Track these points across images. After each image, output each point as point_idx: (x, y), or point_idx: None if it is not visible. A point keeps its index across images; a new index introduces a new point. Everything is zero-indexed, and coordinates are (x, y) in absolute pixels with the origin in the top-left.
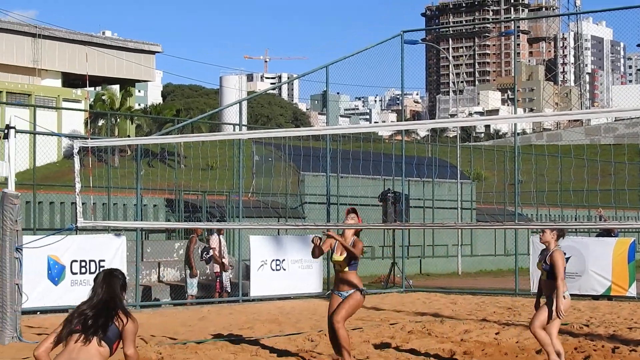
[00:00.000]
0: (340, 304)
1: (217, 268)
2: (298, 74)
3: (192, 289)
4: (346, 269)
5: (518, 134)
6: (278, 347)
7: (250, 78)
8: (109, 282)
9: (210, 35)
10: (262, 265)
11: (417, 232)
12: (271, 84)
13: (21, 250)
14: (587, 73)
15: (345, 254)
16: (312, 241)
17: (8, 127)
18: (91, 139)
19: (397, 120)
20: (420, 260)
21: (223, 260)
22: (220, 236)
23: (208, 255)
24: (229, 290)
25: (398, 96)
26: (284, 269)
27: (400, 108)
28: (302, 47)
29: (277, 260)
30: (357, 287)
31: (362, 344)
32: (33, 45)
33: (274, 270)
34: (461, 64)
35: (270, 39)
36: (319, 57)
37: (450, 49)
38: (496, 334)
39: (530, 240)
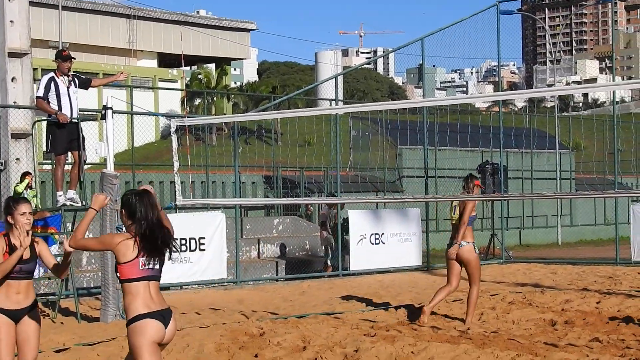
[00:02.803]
0: None
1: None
2: (393, 47)
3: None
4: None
5: (617, 102)
6: (379, 320)
7: (345, 53)
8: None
9: (304, 11)
10: (362, 239)
11: (516, 203)
12: (367, 58)
13: (121, 229)
14: None
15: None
16: None
17: (105, 107)
18: (188, 117)
19: (494, 92)
20: (520, 231)
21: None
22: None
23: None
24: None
25: (494, 68)
26: (383, 243)
27: (497, 79)
28: (397, 21)
29: (376, 234)
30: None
31: (464, 315)
32: (128, 26)
33: (373, 244)
34: (558, 34)
35: (365, 13)
36: (415, 30)
37: (547, 19)
38: (597, 303)
39: (630, 209)
